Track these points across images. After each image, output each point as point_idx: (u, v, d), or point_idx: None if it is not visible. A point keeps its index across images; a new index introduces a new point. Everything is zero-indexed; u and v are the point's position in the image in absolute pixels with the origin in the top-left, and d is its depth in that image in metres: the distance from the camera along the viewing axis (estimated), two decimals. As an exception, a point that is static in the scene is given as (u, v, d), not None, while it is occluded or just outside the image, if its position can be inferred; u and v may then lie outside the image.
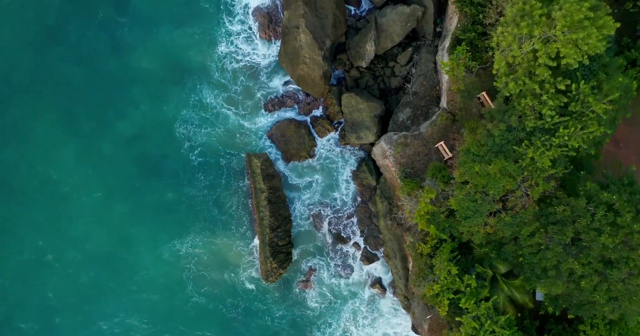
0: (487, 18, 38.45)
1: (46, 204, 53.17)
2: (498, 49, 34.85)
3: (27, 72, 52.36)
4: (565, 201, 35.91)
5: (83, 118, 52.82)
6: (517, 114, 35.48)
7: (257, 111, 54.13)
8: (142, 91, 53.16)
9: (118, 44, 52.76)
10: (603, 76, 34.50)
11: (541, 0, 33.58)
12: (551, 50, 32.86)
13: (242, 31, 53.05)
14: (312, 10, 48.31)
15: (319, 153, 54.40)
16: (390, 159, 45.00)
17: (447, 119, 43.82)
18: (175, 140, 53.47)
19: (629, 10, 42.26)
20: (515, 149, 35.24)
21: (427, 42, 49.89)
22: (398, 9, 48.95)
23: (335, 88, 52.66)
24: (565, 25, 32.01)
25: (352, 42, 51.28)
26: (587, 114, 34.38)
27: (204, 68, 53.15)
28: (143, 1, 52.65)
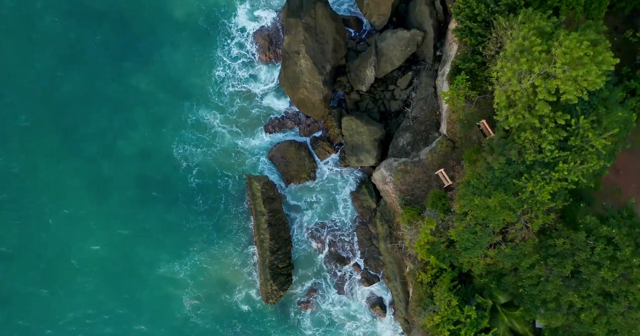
0: (487, 50, 38.50)
1: (46, 225, 53.22)
2: (498, 84, 34.92)
3: (27, 94, 52.40)
4: (565, 233, 36.02)
5: (83, 139, 52.89)
6: (516, 147, 35.58)
7: (257, 133, 54.25)
8: (142, 113, 53.28)
9: (118, 65, 52.86)
10: (603, 110, 34.59)
11: (541, 36, 33.73)
12: (551, 87, 32.96)
13: (242, 55, 53.24)
14: (312, 36, 48.41)
15: (319, 175, 54.49)
16: (390, 186, 45.09)
17: (447, 146, 43.90)
18: (175, 161, 53.59)
19: (629, 38, 42.36)
20: (515, 183, 35.35)
21: (427, 66, 49.97)
22: (398, 33, 49.03)
23: (336, 110, 52.75)
24: (565, 62, 32.09)
25: (352, 65, 51.38)
26: (587, 149, 34.47)
27: (203, 90, 53.27)
28: (143, 24, 52.72)
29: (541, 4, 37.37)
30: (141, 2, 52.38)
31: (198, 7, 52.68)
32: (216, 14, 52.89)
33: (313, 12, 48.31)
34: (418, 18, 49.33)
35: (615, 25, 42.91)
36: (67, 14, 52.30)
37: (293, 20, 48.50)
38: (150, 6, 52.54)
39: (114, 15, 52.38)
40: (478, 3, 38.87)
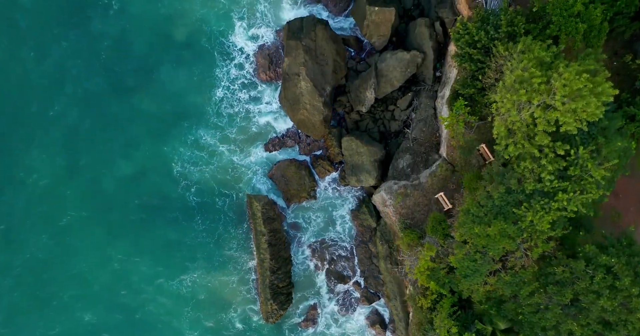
0: (487, 77, 38.62)
1: (47, 243, 53.38)
2: (497, 114, 35.02)
3: (29, 113, 52.59)
4: (564, 262, 36.11)
5: (85, 158, 53.08)
6: (516, 176, 35.68)
7: (257, 151, 54.45)
8: (142, 132, 53.52)
9: (119, 84, 52.98)
10: (602, 140, 34.68)
11: (540, 67, 33.79)
12: (550, 118, 33.07)
13: (241, 75, 53.41)
14: (313, 58, 48.53)
15: (319, 194, 54.63)
16: (390, 209, 45.22)
17: (446, 170, 44.02)
18: (174, 180, 53.79)
19: (628, 63, 42.44)
20: (514, 212, 35.44)
21: (426, 87, 50.09)
22: (398, 54, 49.14)
23: (336, 130, 52.87)
24: (564, 94, 32.19)
25: (353, 86, 51.50)
26: (586, 178, 34.57)
27: (203, 110, 53.50)
28: (144, 42, 52.88)
29: (540, 32, 37.49)
30: (143, 22, 52.51)
31: (198, 28, 52.86)
32: (216, 34, 53.06)
33: (313, 35, 48.42)
34: (418, 39, 49.45)
35: (614, 49, 42.97)
36: (71, 33, 52.34)
37: (293, 43, 48.62)
38: (152, 27, 52.76)
39: (116, 35, 52.50)
40: (478, 30, 39.02)
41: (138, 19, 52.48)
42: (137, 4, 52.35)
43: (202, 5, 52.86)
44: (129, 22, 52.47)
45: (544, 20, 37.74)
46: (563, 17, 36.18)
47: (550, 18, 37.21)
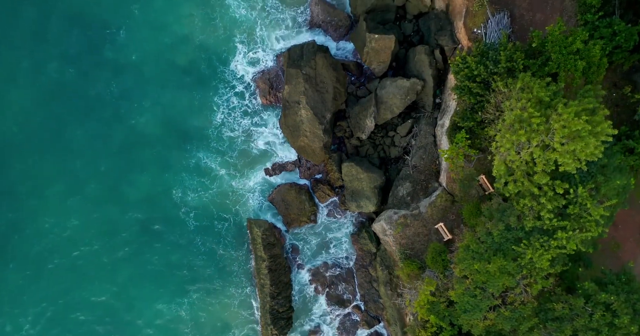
0: (486, 113, 38.79)
1: (49, 267, 53.44)
2: (497, 153, 35.19)
3: (33, 137, 52.58)
4: (563, 298, 36.31)
5: (88, 183, 53.06)
6: (515, 214, 35.86)
7: (258, 175, 54.53)
8: (143, 156, 53.47)
9: (122, 109, 53.07)
10: (601, 179, 34.90)
11: (539, 105, 33.93)
12: (549, 159, 33.26)
13: (242, 99, 53.46)
14: (313, 86, 48.69)
15: (320, 218, 54.77)
16: (390, 238, 45.38)
17: (446, 200, 44.18)
18: (175, 204, 53.83)
19: (627, 94, 42.64)
20: (514, 249, 35.64)
21: (426, 114, 50.24)
22: (398, 82, 49.30)
23: (336, 155, 53.00)
24: (563, 135, 32.39)
25: (353, 112, 51.64)
26: (585, 217, 34.76)
27: (204, 134, 53.52)
28: (148, 68, 52.85)
29: (540, 68, 37.68)
30: (147, 49, 52.58)
31: (200, 54, 52.99)
32: (217, 59, 53.19)
33: (313, 63, 48.58)
34: (417, 66, 49.62)
35: (613, 81, 43.18)
36: (76, 59, 52.44)
37: (294, 71, 48.78)
38: (156, 53, 52.76)
39: (121, 61, 52.57)
40: (477, 64, 39.24)
41: (143, 46, 52.51)
42: (142, 32, 52.36)
43: (204, 31, 52.96)
44: (134, 49, 52.49)
45: (543, 56, 37.94)
46: (562, 54, 36.40)
47: (549, 54, 37.41)
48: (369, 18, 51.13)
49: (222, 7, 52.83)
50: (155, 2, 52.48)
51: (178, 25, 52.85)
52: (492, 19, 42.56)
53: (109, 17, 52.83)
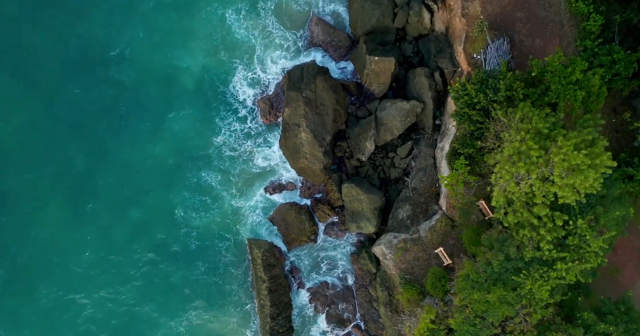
0: (485, 141, 38.88)
1: (53, 288, 53.51)
2: (496, 184, 35.29)
3: (33, 158, 52.59)
4: (563, 328, 36.40)
5: (91, 203, 53.07)
6: (515, 244, 35.99)
7: (258, 194, 54.65)
8: (146, 177, 53.54)
9: (124, 130, 53.10)
10: (600, 210, 35.03)
11: (538, 138, 33.98)
12: (549, 191, 33.35)
13: (243, 120, 53.61)
14: (313, 109, 48.81)
15: (320, 237, 54.90)
16: (390, 262, 45.50)
17: (446, 224, 44.29)
18: (176, 223, 53.97)
19: (627, 119, 42.75)
20: (513, 279, 35.74)
21: (426, 135, 50.33)
22: (398, 104, 49.41)
23: (336, 175, 53.10)
24: (563, 168, 32.48)
25: (353, 133, 51.72)
26: (585, 248, 34.87)
27: (206, 154, 53.66)
28: (149, 89, 52.84)
29: (539, 97, 37.76)
30: (151, 72, 52.65)
31: (202, 76, 53.09)
32: (217, 80, 53.27)
33: (313, 86, 48.70)
34: (417, 88, 49.72)
35: (613, 106, 43.31)
36: (81, 81, 52.51)
37: (294, 94, 48.90)
38: (156, 74, 52.80)
39: (125, 83, 52.63)
40: (477, 92, 39.32)
41: (145, 67, 52.51)
42: (146, 54, 52.44)
43: (205, 53, 52.89)
44: (137, 70, 52.48)
45: (542, 84, 38.03)
46: (562, 85, 36.51)
47: (548, 83, 37.50)
48: (369, 39, 51.21)
49: (223, 29, 52.92)
50: (158, 24, 52.53)
51: (181, 47, 52.97)
52: (491, 45, 42.66)
53: (113, 38, 52.82)
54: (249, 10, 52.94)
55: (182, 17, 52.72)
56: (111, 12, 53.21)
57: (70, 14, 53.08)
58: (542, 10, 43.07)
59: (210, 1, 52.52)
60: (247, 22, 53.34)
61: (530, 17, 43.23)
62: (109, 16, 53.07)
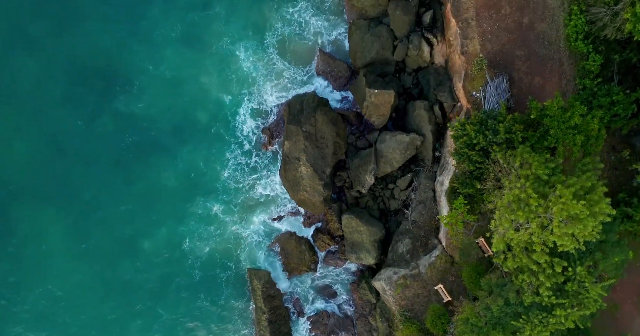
0: (485, 184, 38.99)
1: (57, 319, 53.44)
2: (496, 231, 35.42)
3: (40, 189, 52.44)
4: (562, 371, 36.57)
5: (97, 235, 53.04)
6: (514, 289, 36.12)
7: (259, 224, 54.69)
8: (151, 207, 53.51)
9: (129, 162, 53.11)
10: (599, 255, 35.22)
11: (538, 184, 34.09)
12: (548, 240, 33.49)
13: (248, 151, 53.65)
14: (313, 142, 48.94)
15: (320, 266, 55.03)
16: (390, 298, 45.64)
17: (446, 261, 44.44)
18: (180, 252, 54.02)
19: (626, 157, 42.87)
20: (513, 323, 35.87)
21: (426, 168, 50.45)
22: (397, 137, 49.52)
23: (336, 205, 53.21)
24: (562, 218, 32.61)
25: (352, 164, 51.82)
26: (584, 293, 35.00)
27: (211, 183, 53.62)
28: (158, 123, 52.83)
29: (538, 140, 37.86)
30: (154, 103, 52.78)
31: (207, 108, 53.11)
32: (223, 112, 53.17)
33: (313, 120, 48.86)
34: (417, 121, 49.85)
35: (612, 144, 43.42)
36: (87, 112, 52.57)
37: (294, 128, 49.05)
38: (163, 106, 52.84)
39: (133, 114, 52.64)
40: (476, 133, 39.39)
41: (154, 100, 52.64)
42: (153, 87, 52.56)
43: (212, 86, 52.89)
44: (145, 104, 52.55)
45: (542, 128, 38.14)
46: (561, 129, 36.60)
47: (547, 127, 37.60)
48: (369, 71, 51.38)
49: (230, 63, 52.90)
50: (167, 57, 52.52)
51: (189, 80, 52.91)
52: (490, 83, 42.79)
53: (120, 70, 52.76)
54: (257, 44, 53.12)
55: (191, 51, 52.74)
56: (118, 44, 53.00)
57: (76, 43, 52.77)
58: (542, 48, 43.19)
59: (220, 36, 52.67)
60: (254, 56, 53.26)
61: (529, 55, 43.36)
62: (115, 47, 52.87)
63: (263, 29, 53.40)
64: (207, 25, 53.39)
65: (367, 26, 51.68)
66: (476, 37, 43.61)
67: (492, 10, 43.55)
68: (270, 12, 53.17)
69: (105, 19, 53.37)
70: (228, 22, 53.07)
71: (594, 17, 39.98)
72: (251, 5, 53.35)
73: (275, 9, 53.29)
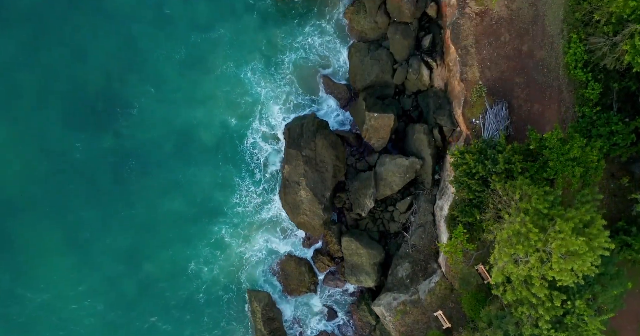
0: (484, 214, 39.08)
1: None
2: (495, 265, 35.51)
3: (44, 212, 52.29)
4: None
5: (101, 257, 52.82)
6: (514, 321, 36.23)
7: (262, 244, 54.68)
8: (158, 231, 53.26)
9: (132, 186, 53.01)
10: (598, 288, 35.33)
11: (536, 218, 34.18)
12: (547, 275, 33.58)
13: (257, 188, 53.70)
14: (312, 167, 49.02)
15: (319, 287, 55.11)
16: (390, 324, 45.75)
17: (445, 288, 44.54)
18: (185, 276, 53.92)
19: (625, 184, 42.97)
20: (512, 356, 36.02)
21: (426, 191, 50.52)
22: (397, 160, 49.58)
23: (336, 226, 53.23)
24: (561, 253, 32.72)
25: (352, 186, 51.84)
26: (582, 326, 35.10)
27: (217, 207, 53.47)
28: (160, 146, 52.75)
29: (537, 171, 37.96)
30: (158, 125, 52.68)
31: (213, 133, 52.94)
32: (229, 136, 53.04)
33: (313, 145, 48.93)
34: (416, 144, 49.92)
35: (611, 171, 43.52)
36: (88, 136, 52.55)
37: (294, 152, 49.14)
38: (166, 130, 52.72)
39: (135, 139, 52.63)
40: (475, 163, 39.49)
41: (156, 123, 52.55)
42: (157, 110, 52.46)
43: (217, 110, 52.90)
44: (147, 127, 52.40)
45: (541, 158, 38.23)
46: (560, 161, 36.68)
47: (547, 158, 37.70)
48: (368, 93, 51.49)
49: (236, 85, 52.84)
50: (170, 79, 52.46)
51: (192, 103, 52.81)
52: (490, 111, 42.91)
53: (121, 93, 52.68)
54: (263, 67, 53.15)
55: (195, 73, 52.61)
56: (119, 65, 52.83)
57: (77, 63, 52.55)
58: (541, 75, 43.31)
59: (225, 59, 52.68)
60: (260, 79, 53.18)
61: (528, 82, 43.48)
62: (116, 69, 52.70)
63: (269, 52, 53.45)
64: (212, 47, 53.21)
65: (367, 49, 51.79)
66: (475, 64, 43.72)
67: (491, 38, 43.66)
68: (276, 37, 53.28)
69: (107, 39, 53.41)
70: (233, 45, 53.05)
71: (593, 47, 40.08)
72: (256, 28, 53.46)
73: (281, 32, 53.39)
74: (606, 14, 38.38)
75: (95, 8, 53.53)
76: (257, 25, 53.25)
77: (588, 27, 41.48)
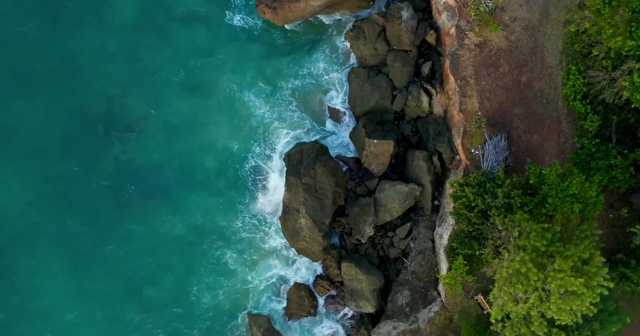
0: (484, 249, 39.20)
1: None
2: (494, 303, 35.64)
3: (40, 234, 52.42)
4: None
5: (105, 282, 52.88)
6: (513, 357, 36.32)
7: (264, 271, 54.75)
8: (161, 255, 53.27)
9: (132, 209, 53.15)
10: (597, 326, 35.49)
11: (535, 256, 34.31)
12: (545, 312, 33.72)
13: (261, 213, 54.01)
14: (312, 194, 49.15)
15: (319, 310, 55.21)
16: (389, 353, 45.86)
17: (445, 318, 44.66)
18: (188, 301, 53.90)
19: (624, 215, 43.09)
20: (511, 391, 36.14)
21: (425, 217, 50.64)
22: (397, 187, 49.69)
23: (335, 251, 53.33)
24: (560, 293, 32.86)
25: (352, 212, 51.92)
26: (582, 364, 35.27)
27: (221, 232, 53.59)
28: (160, 171, 52.94)
29: (536, 206, 38.08)
30: (158, 149, 52.91)
31: (215, 157, 53.10)
32: (232, 161, 53.32)
33: (313, 172, 49.05)
34: (416, 171, 50.04)
35: (610, 202, 43.61)
36: (88, 160, 52.73)
37: (293, 179, 49.26)
38: (166, 154, 52.91)
39: (134, 163, 52.75)
40: (475, 196, 39.61)
41: (157, 147, 52.77)
42: (157, 133, 52.69)
43: (219, 135, 53.15)
44: (147, 151, 52.57)
45: (540, 193, 38.34)
46: (559, 198, 36.77)
47: (546, 193, 37.80)
48: (368, 119, 51.62)
49: (239, 109, 53.04)
50: (170, 102, 52.76)
51: (194, 126, 53.07)
52: (489, 142, 43.00)
53: (120, 115, 52.85)
54: (267, 92, 53.46)
55: (196, 97, 52.82)
56: (116, 88, 53.04)
57: (76, 87, 52.80)
58: (540, 106, 43.42)
59: (228, 83, 52.97)
60: (263, 103, 53.45)
61: (527, 113, 43.60)
62: (114, 92, 52.91)
63: (272, 76, 53.63)
64: (214, 71, 53.37)
65: (367, 75, 51.93)
66: (475, 95, 43.85)
67: (490, 69, 43.79)
68: (281, 63, 53.53)
69: (106, 62, 53.59)
70: (234, 69, 53.21)
71: (592, 80, 40.21)
72: (260, 52, 53.76)
73: (284, 58, 53.65)
74: (605, 48, 38.50)
75: (96, 30, 53.74)
76: (260, 52, 53.47)
77: (587, 59, 41.63)
